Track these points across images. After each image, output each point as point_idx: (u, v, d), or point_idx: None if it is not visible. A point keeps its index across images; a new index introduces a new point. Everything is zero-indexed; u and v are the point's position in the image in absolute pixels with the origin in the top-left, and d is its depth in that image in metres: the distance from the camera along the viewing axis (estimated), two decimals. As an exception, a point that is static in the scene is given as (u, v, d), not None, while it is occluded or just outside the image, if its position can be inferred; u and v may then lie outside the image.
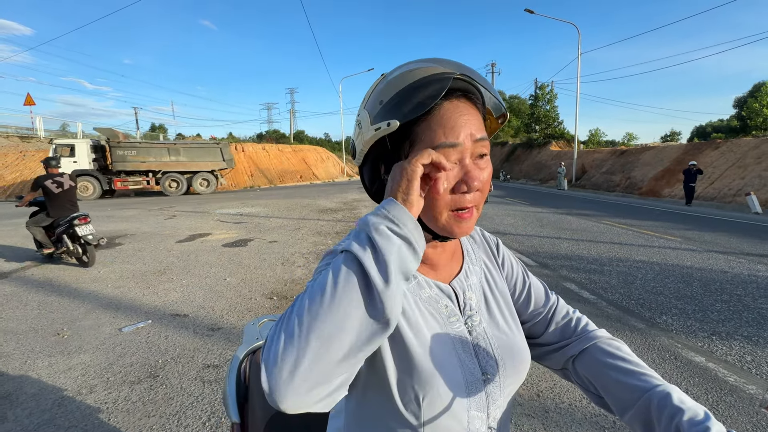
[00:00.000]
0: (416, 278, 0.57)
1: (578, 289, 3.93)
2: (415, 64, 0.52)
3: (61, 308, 3.42)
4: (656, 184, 18.05)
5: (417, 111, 0.48)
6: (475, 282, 0.63)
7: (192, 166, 17.55)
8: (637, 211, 11.27)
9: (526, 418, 1.95)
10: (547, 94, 35.04)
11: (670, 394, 0.48)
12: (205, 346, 2.70)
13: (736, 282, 4.16)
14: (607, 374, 0.56)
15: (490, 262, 0.68)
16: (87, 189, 15.62)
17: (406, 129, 0.51)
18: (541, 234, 7.13)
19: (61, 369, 2.40)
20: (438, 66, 0.51)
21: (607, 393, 0.55)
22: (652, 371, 0.54)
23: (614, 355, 0.57)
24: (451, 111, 0.50)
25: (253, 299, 3.66)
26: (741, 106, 31.03)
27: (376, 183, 0.58)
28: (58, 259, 5.19)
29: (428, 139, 0.50)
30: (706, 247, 6.01)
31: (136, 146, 16.72)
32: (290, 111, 59.80)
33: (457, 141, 0.49)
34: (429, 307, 0.56)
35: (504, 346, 0.58)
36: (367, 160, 0.57)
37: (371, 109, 0.53)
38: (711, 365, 2.45)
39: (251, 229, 7.51)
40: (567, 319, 0.66)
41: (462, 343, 0.56)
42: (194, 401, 2.08)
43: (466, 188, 0.49)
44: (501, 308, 0.63)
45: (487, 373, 0.55)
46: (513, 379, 0.58)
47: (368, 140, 0.53)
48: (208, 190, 18.02)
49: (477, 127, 0.51)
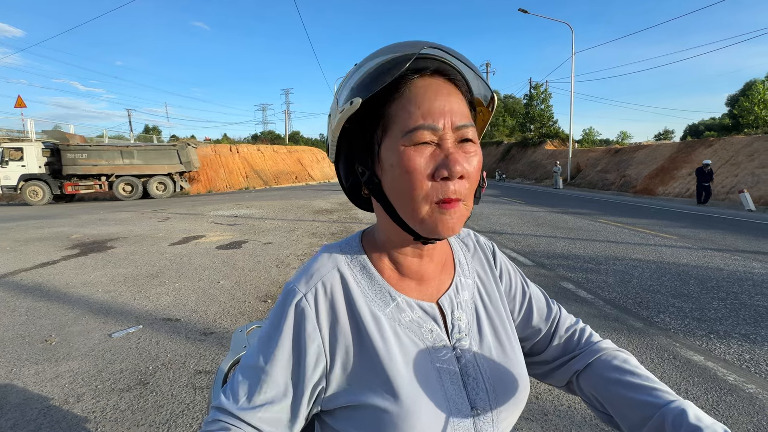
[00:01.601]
0: (395, 300, 0.51)
1: (575, 289, 3.91)
2: (387, 47, 0.48)
3: (50, 314, 3.34)
4: (650, 182, 18.17)
5: (379, 85, 0.44)
6: (467, 298, 0.56)
7: (147, 170, 16.64)
8: (632, 210, 11.32)
9: (525, 421, 1.91)
10: (541, 93, 35.23)
11: (685, 411, 0.44)
12: (197, 352, 2.64)
13: (732, 279, 4.16)
14: (615, 390, 0.51)
15: (485, 274, 0.61)
16: (36, 194, 15.04)
17: (377, 114, 0.47)
18: (538, 233, 7.12)
19: (48, 377, 2.33)
20: (412, 47, 0.46)
21: (615, 410, 0.51)
22: (663, 385, 0.49)
23: (621, 369, 0.53)
24: (424, 88, 0.46)
25: (246, 302, 3.61)
26: (733, 105, 31.36)
27: (350, 179, 0.53)
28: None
29: (401, 120, 0.45)
30: (702, 244, 6.02)
31: (87, 149, 15.90)
32: (285, 112, 59.52)
33: (434, 121, 0.44)
34: (410, 333, 0.50)
35: (497, 375, 0.52)
36: (341, 155, 0.52)
37: (340, 96, 0.49)
38: (710, 364, 2.43)
39: (246, 231, 7.44)
40: (570, 332, 0.61)
41: (449, 374, 0.50)
42: (185, 409, 2.02)
43: (447, 174, 0.44)
44: (495, 328, 0.56)
45: (476, 407, 0.49)
46: (508, 412, 0.52)
47: (336, 126, 0.49)
48: (165, 194, 16.98)
49: (458, 109, 0.46)
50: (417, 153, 0.44)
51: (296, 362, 0.48)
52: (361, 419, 0.47)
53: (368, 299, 0.51)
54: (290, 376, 0.48)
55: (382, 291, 0.52)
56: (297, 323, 0.48)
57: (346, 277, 0.52)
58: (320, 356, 0.48)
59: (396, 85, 0.46)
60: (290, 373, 0.48)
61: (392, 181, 0.46)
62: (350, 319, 0.50)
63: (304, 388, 0.48)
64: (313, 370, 0.48)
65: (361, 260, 0.54)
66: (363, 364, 0.48)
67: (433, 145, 0.45)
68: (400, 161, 0.45)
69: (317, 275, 0.51)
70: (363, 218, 9.00)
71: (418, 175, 0.44)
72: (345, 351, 0.49)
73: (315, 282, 0.50)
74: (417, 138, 0.44)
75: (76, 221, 9.06)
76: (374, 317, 0.50)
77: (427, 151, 0.45)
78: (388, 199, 0.48)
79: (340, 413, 0.49)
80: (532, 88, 36.46)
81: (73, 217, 10.01)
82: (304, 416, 0.50)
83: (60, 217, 10.10)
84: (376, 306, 0.51)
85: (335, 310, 0.49)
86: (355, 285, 0.51)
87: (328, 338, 0.49)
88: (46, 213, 11.39)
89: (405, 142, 0.45)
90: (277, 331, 0.49)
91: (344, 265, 0.53)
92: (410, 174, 0.44)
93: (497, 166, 35.77)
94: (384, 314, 0.50)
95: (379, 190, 0.49)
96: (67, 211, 11.76)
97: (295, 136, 53.75)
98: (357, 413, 0.48)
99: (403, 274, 0.54)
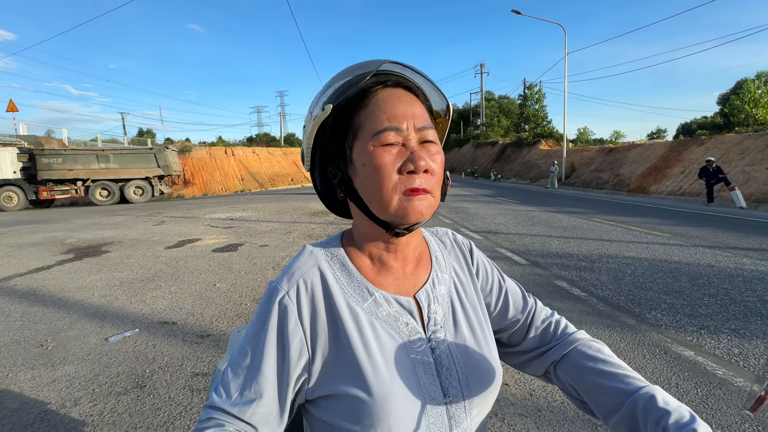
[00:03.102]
0: (373, 295, 0.54)
1: (569, 287, 3.95)
2: (352, 66, 0.54)
3: (46, 319, 3.33)
4: (644, 180, 18.32)
5: (347, 92, 0.50)
6: (443, 292, 0.59)
7: (124, 174, 16.43)
8: (625, 208, 11.42)
9: (519, 417, 1.94)
10: (535, 93, 35.36)
11: (654, 396, 0.47)
12: (194, 354, 2.65)
13: (722, 276, 4.22)
14: (589, 379, 0.54)
15: (462, 270, 0.64)
16: (11, 199, 14.87)
17: (347, 123, 0.52)
18: (532, 233, 7.17)
19: (44, 381, 2.33)
20: (373, 64, 0.52)
21: (590, 398, 0.54)
22: (633, 372, 0.52)
23: (595, 358, 0.56)
24: (388, 96, 0.52)
25: (243, 305, 3.61)
26: (724, 103, 31.70)
27: (325, 186, 0.58)
28: None
29: (369, 124, 0.51)
30: (693, 242, 6.10)
31: (62, 153, 15.65)
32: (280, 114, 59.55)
33: (398, 123, 0.50)
34: (387, 327, 0.53)
35: (470, 365, 0.55)
36: (316, 163, 0.57)
37: (314, 109, 0.54)
38: (700, 359, 2.47)
39: (241, 234, 7.43)
40: (546, 323, 0.64)
41: (423, 365, 0.53)
42: (182, 411, 2.04)
43: (413, 167, 0.48)
44: (470, 321, 0.59)
45: (449, 394, 0.52)
46: (480, 399, 0.55)
47: (310, 133, 0.54)
48: (143, 198, 16.79)
49: (419, 114, 0.52)
50: (385, 151, 0.49)
51: (281, 357, 0.51)
52: (340, 408, 0.50)
53: (347, 294, 0.54)
54: (276, 371, 0.51)
55: (360, 287, 0.55)
56: (280, 319, 0.51)
57: (326, 274, 0.55)
58: (303, 350, 0.51)
59: (363, 96, 0.52)
60: (276, 368, 0.51)
61: (364, 179, 0.51)
62: (329, 314, 0.52)
63: (290, 381, 0.51)
64: (296, 363, 0.51)
65: (340, 258, 0.57)
66: (340, 356, 0.51)
67: (398, 145, 0.50)
68: (370, 160, 0.49)
69: (298, 273, 0.54)
70: (359, 219, 9.00)
71: (387, 170, 0.49)
72: (325, 344, 0.52)
73: (296, 279, 0.53)
74: (384, 139, 0.49)
75: (70, 225, 9.00)
76: (352, 311, 0.53)
77: (394, 149, 0.50)
78: (360, 197, 0.52)
79: (321, 403, 0.52)
80: (526, 89, 36.61)
81: (67, 221, 9.94)
82: (291, 407, 0.53)
83: (54, 221, 10.02)
84: (354, 301, 0.54)
85: (315, 306, 0.52)
86: (334, 281, 0.54)
87: (309, 332, 0.52)
88: (39, 218, 11.30)
89: (374, 143, 0.50)
90: (262, 327, 0.52)
91: (324, 262, 0.56)
92: (380, 169, 0.49)
93: (492, 167, 35.88)
94: (362, 309, 0.53)
95: (351, 188, 0.53)
96: (60, 216, 11.67)
97: (291, 138, 53.66)
98: (337, 402, 0.51)
99: (381, 270, 0.57)
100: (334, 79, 0.53)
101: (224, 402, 0.50)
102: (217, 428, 0.49)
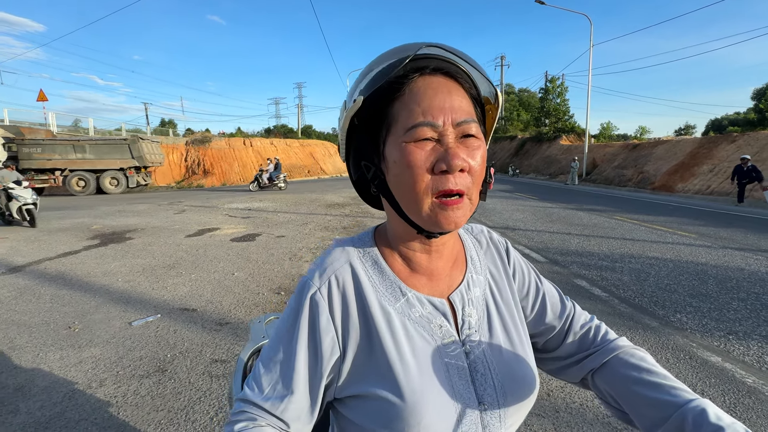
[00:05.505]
0: (406, 296, 0.52)
1: (589, 286, 3.86)
2: (391, 50, 0.49)
3: (73, 302, 3.47)
4: (670, 178, 17.68)
5: (378, 82, 0.46)
6: (478, 295, 0.56)
7: (99, 164, 16.27)
8: (649, 206, 11.06)
9: (536, 417, 1.91)
10: (557, 87, 34.45)
11: (705, 410, 0.44)
12: (213, 341, 2.71)
13: (753, 279, 4.05)
14: (632, 389, 0.51)
15: (497, 271, 0.61)
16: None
17: (382, 114, 0.49)
18: (551, 230, 7.03)
19: (72, 362, 2.43)
20: (411, 48, 0.47)
21: (632, 409, 0.50)
22: (681, 384, 0.49)
23: (639, 367, 0.52)
24: (425, 86, 0.47)
25: (260, 294, 3.67)
26: (760, 99, 30.16)
27: (358, 175, 0.55)
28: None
29: (403, 118, 0.47)
30: (722, 243, 5.86)
31: (41, 143, 15.69)
32: (298, 105, 59.69)
33: (434, 118, 0.46)
34: (420, 329, 0.51)
35: (506, 371, 0.52)
36: (350, 153, 0.54)
37: (349, 99, 0.51)
38: (728, 365, 2.38)
39: (259, 224, 7.54)
40: (585, 329, 0.61)
41: (457, 369, 0.50)
42: (202, 396, 2.09)
43: (446, 167, 0.44)
44: (506, 326, 0.56)
45: (484, 402, 0.50)
46: (515, 408, 0.52)
47: (343, 124, 0.51)
48: (118, 189, 16.52)
49: (459, 105, 0.47)
50: (418, 148, 0.46)
51: (313, 353, 0.50)
52: (370, 409, 0.49)
53: (379, 293, 0.52)
54: (308, 367, 0.50)
55: (392, 286, 0.53)
56: (312, 315, 0.50)
57: (358, 271, 0.53)
58: (334, 347, 0.50)
59: (398, 85, 0.47)
60: (308, 364, 0.50)
61: (395, 177, 0.48)
62: (361, 313, 0.51)
63: (321, 378, 0.50)
64: (328, 360, 0.50)
65: (372, 255, 0.55)
66: (371, 356, 0.50)
67: (433, 141, 0.46)
68: (402, 157, 0.46)
69: (330, 269, 0.53)
70: (375, 213, 9.00)
71: (418, 170, 0.45)
72: (355, 342, 0.50)
73: (328, 275, 0.52)
74: (418, 134, 0.46)
75: (95, 212, 9.31)
76: (384, 311, 0.51)
77: (428, 146, 0.46)
78: (392, 194, 0.50)
79: (351, 402, 0.51)
80: (548, 82, 35.69)
81: (92, 208, 10.29)
82: (321, 405, 0.52)
83: (81, 208, 10.39)
84: (386, 300, 0.52)
85: (347, 303, 0.51)
86: (366, 279, 0.53)
87: (341, 330, 0.51)
88: (66, 204, 11.73)
89: (406, 138, 0.46)
90: (294, 323, 0.51)
91: (356, 259, 0.54)
92: (411, 168, 0.46)
93: (511, 161, 35.22)
94: (394, 309, 0.51)
95: (384, 185, 0.50)
96: (86, 203, 12.09)
97: (308, 130, 53.84)
98: (366, 403, 0.49)
99: (414, 270, 0.55)
100: (372, 64, 0.49)
101: (256, 396, 0.50)
102: (249, 422, 0.49)
